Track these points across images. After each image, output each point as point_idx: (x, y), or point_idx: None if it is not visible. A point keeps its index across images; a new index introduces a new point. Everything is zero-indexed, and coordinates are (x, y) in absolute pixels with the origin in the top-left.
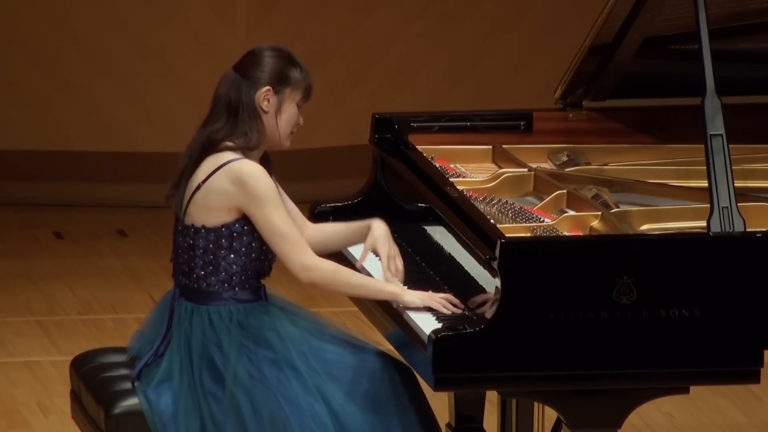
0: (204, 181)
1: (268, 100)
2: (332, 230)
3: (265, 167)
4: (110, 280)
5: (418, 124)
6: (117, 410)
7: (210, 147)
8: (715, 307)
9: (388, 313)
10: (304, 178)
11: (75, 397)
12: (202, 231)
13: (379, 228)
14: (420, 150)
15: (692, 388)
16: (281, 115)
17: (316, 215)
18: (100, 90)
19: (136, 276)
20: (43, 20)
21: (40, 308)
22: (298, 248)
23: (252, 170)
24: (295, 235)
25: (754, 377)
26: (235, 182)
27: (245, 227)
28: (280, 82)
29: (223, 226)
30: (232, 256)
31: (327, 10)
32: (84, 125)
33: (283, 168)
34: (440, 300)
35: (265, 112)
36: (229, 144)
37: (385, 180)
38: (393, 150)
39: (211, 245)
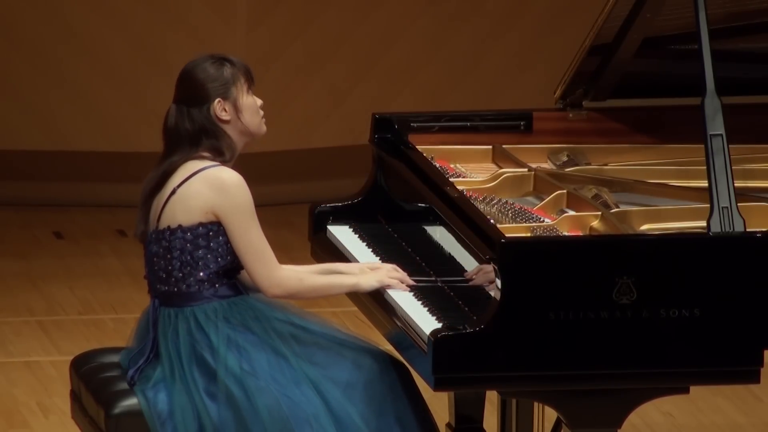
0: (180, 186)
1: (225, 110)
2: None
3: None
4: (110, 280)
5: (418, 124)
6: (117, 410)
7: (173, 170)
8: (715, 307)
9: (388, 313)
10: (304, 178)
11: (75, 397)
12: (179, 231)
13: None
14: (420, 150)
15: (692, 388)
16: (242, 113)
17: (316, 215)
18: (100, 90)
19: (136, 276)
20: (42, 20)
21: (40, 308)
22: (269, 264)
23: (232, 178)
24: (267, 250)
25: (754, 377)
26: (213, 188)
27: (221, 227)
28: (222, 87)
29: (199, 224)
30: (209, 255)
31: (327, 10)
32: (84, 125)
33: (283, 168)
34: (397, 276)
35: (227, 122)
36: (205, 154)
37: (385, 180)
38: (393, 150)
39: (188, 245)
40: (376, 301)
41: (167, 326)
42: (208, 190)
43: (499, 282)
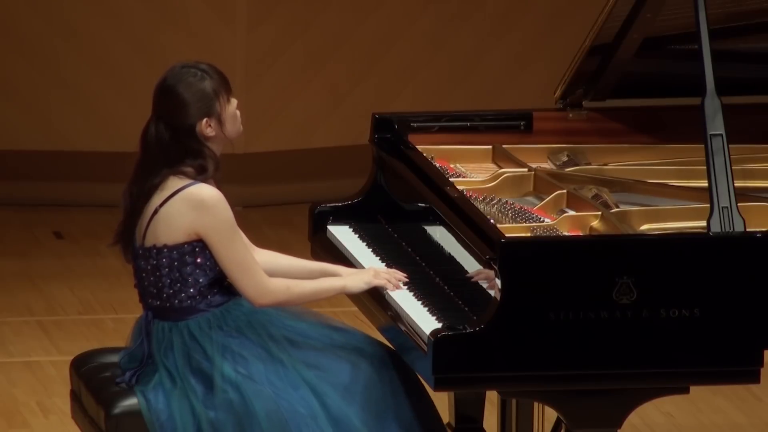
0: (161, 206)
1: (210, 126)
2: (285, 264)
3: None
4: (110, 280)
5: (418, 124)
6: (117, 410)
7: (155, 188)
8: (715, 307)
9: (393, 318)
10: (304, 178)
11: (75, 397)
12: (165, 250)
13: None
14: (420, 150)
15: (692, 388)
16: (225, 124)
17: (316, 215)
18: (100, 90)
19: None
20: (42, 20)
21: (40, 308)
22: (255, 276)
23: (212, 196)
24: (251, 263)
25: (754, 377)
26: (194, 207)
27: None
28: (207, 105)
29: (185, 242)
30: (197, 270)
31: (327, 10)
32: (84, 125)
33: (283, 168)
34: (385, 276)
35: (213, 136)
36: (186, 170)
37: (385, 180)
38: (393, 150)
39: (176, 262)
40: (376, 302)
41: (161, 340)
42: (188, 209)
43: (499, 282)
